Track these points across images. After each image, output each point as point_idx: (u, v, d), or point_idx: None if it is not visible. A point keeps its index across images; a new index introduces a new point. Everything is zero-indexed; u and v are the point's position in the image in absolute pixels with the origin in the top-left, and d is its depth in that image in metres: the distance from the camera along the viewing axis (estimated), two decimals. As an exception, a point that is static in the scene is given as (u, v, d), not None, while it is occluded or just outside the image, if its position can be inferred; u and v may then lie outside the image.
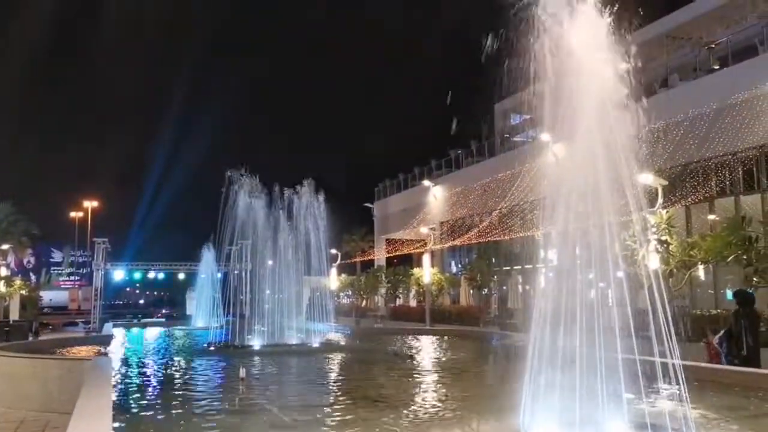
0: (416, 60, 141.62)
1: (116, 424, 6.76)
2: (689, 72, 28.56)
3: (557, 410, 7.68)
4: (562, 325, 7.93)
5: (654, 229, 17.28)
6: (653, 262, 15.05)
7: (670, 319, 7.54)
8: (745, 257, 15.65)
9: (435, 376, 16.67)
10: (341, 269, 47.08)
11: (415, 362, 19.02)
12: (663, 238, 17.27)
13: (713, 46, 27.68)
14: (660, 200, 19.06)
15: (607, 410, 7.57)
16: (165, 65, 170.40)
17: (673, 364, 7.54)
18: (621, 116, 8.93)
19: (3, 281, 28.83)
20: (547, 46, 8.69)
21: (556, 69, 8.79)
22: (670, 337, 7.46)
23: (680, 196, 23.67)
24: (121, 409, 10.65)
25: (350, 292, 48.38)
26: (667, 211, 18.56)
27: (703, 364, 12.30)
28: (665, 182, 20.29)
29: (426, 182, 45.03)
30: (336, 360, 20.95)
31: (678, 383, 7.59)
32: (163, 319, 51.09)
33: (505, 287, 40.38)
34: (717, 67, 26.43)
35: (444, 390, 13.92)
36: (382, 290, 43.89)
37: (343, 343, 26.72)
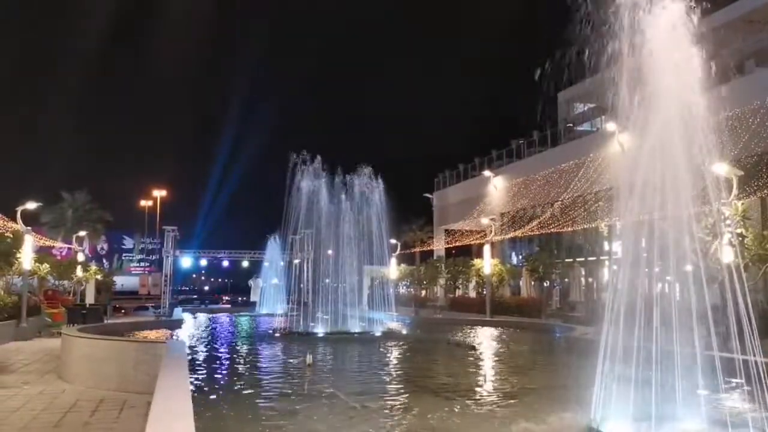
0: (476, 49, 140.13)
1: (194, 407, 7.02)
2: (766, 57, 27.29)
3: (631, 405, 7.54)
4: (635, 319, 7.76)
5: (728, 222, 16.67)
6: (727, 255, 14.54)
7: (751, 314, 7.30)
8: (826, 251, 14.94)
9: (499, 367, 16.60)
10: (400, 259, 47.26)
11: (477, 353, 18.97)
12: (737, 230, 16.66)
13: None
14: (734, 191, 18.35)
15: (683, 406, 7.40)
16: (226, 59, 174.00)
17: (754, 361, 7.30)
18: (695, 105, 8.64)
19: (80, 266, 30.15)
20: (622, 33, 8.47)
21: (631, 56, 8.58)
22: (753, 333, 7.22)
23: (756, 187, 22.70)
24: (195, 391, 11.04)
25: (409, 282, 48.48)
26: (742, 203, 17.87)
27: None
28: (740, 172, 19.50)
29: (486, 172, 44.60)
30: (398, 348, 21.09)
31: (757, 380, 7.35)
32: (229, 305, 52.45)
33: (567, 279, 39.70)
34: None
35: (509, 381, 13.85)
36: (442, 281, 43.80)
37: (404, 332, 26.84)
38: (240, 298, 58.01)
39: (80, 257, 31.83)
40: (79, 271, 30.20)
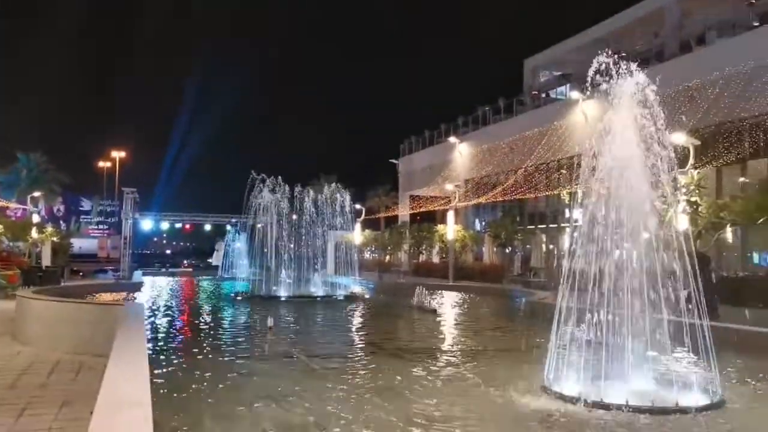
0: (442, 16, 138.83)
1: (151, 368, 7.00)
2: (728, 29, 27.67)
3: (582, 366, 7.78)
4: (589, 284, 7.95)
5: (684, 190, 17.05)
6: (682, 223, 14.90)
7: (699, 280, 7.53)
8: (776, 220, 15.43)
9: (458, 330, 16.87)
10: (365, 225, 47.35)
11: (438, 316, 19.23)
12: (692, 199, 17.06)
13: (754, 2, 26.71)
14: (691, 160, 18.72)
15: (632, 367, 7.65)
16: (194, 18, 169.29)
17: (700, 324, 7.55)
18: (654, 74, 8.73)
19: (35, 228, 29.44)
20: None
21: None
22: (700, 299, 7.46)
23: (712, 156, 23.23)
24: (154, 353, 10.98)
25: (374, 248, 48.70)
26: (698, 172, 18.25)
27: (732, 325, 12.24)
28: (697, 142, 19.89)
29: (452, 139, 44.65)
30: (360, 312, 21.27)
31: (703, 343, 7.62)
32: (191, 269, 52.03)
33: (528, 246, 40.35)
34: (757, 24, 25.54)
35: (468, 344, 14.10)
36: (406, 246, 44.08)
37: (367, 296, 27.04)
38: (198, 263, 57.33)
39: (35, 218, 31.03)
40: (34, 233, 29.47)
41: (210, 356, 11.52)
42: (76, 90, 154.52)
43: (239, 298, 25.21)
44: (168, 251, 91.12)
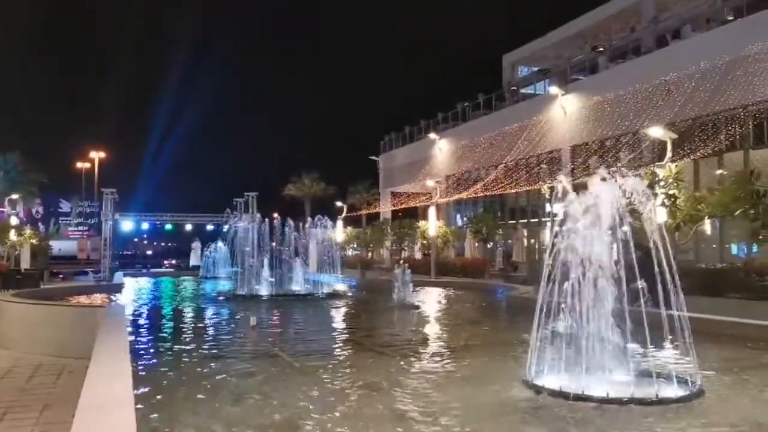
0: (422, 11, 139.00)
1: (133, 369, 6.98)
2: (702, 23, 28.04)
3: (563, 359, 7.88)
4: (569, 277, 8.04)
5: (662, 183, 17.31)
6: (660, 216, 15.11)
7: (675, 272, 7.65)
8: (752, 212, 15.71)
9: (441, 326, 16.96)
10: (346, 222, 47.33)
11: (420, 312, 19.31)
12: (670, 192, 17.31)
13: (728, -4, 27.11)
14: (669, 154, 18.99)
15: (612, 360, 7.76)
16: (170, 6, 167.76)
17: (679, 316, 7.68)
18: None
19: (14, 230, 29.07)
20: None
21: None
22: (677, 291, 7.58)
23: (689, 149, 23.54)
24: (136, 355, 10.91)
25: (355, 245, 48.71)
26: (675, 165, 18.51)
27: (708, 316, 12.44)
28: (675, 135, 20.18)
29: (432, 135, 44.78)
30: (343, 309, 21.30)
31: (683, 335, 7.75)
32: (172, 269, 51.66)
33: (510, 240, 40.61)
34: (731, 18, 25.92)
35: (449, 339, 14.20)
36: (388, 243, 44.14)
37: (349, 293, 27.08)
38: (180, 263, 56.73)
39: (13, 221, 30.61)
40: (12, 236, 29.09)
41: (192, 356, 11.48)
42: (52, 88, 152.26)
43: (221, 297, 25.12)
44: (149, 252, 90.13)
